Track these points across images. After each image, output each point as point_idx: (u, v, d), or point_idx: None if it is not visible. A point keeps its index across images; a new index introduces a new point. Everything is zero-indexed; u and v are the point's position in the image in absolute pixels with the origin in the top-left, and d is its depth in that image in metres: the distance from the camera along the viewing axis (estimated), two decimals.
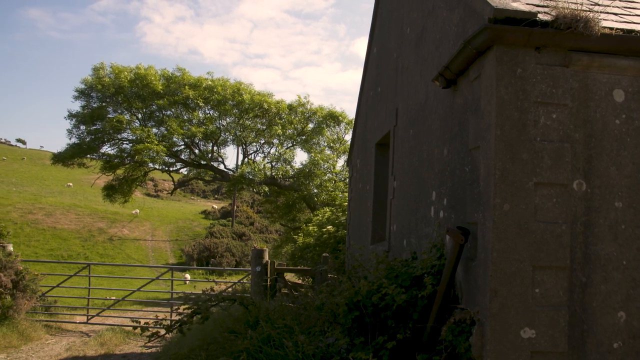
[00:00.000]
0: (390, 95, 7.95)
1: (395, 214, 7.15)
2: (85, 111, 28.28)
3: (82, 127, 28.37)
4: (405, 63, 7.04)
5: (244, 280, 16.32)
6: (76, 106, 33.78)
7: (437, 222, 5.28)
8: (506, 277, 3.96)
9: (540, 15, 4.07)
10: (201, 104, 28.70)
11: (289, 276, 13.41)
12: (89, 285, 15.75)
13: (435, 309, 4.54)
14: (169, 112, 29.03)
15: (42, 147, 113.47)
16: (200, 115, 29.61)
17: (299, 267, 16.39)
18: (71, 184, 62.51)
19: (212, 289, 8.02)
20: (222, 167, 31.26)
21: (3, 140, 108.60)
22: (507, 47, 4.09)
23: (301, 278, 15.71)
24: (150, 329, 6.89)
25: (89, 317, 15.01)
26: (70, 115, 28.44)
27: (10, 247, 13.20)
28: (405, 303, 4.69)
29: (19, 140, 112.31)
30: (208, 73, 30.08)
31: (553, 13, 4.11)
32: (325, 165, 28.39)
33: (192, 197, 72.44)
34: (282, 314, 6.46)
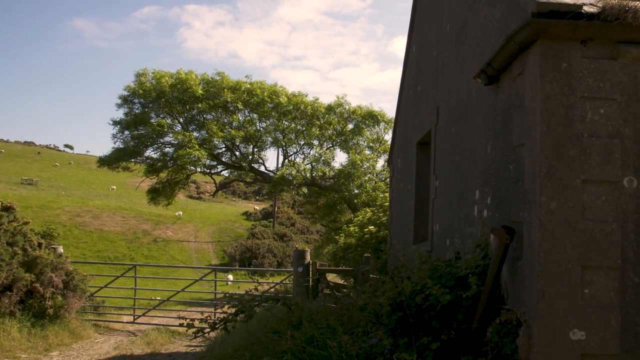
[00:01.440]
0: (430, 94, 7.87)
1: (438, 213, 7.07)
2: (129, 117, 28.96)
3: (126, 132, 29.07)
4: (446, 60, 6.95)
5: (286, 281, 16.41)
6: (119, 114, 34.74)
7: (481, 221, 5.20)
8: (554, 277, 3.87)
9: (585, 8, 3.95)
10: (240, 106, 28.98)
11: (331, 277, 13.42)
12: (135, 286, 16.13)
13: (480, 309, 4.46)
14: (209, 116, 29.43)
15: (88, 151, 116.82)
16: (240, 118, 29.92)
17: (340, 268, 16.40)
18: (114, 187, 64.14)
19: (255, 289, 8.10)
20: (262, 168, 31.56)
21: (52, 146, 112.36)
22: (551, 41, 3.99)
23: (343, 279, 15.70)
24: (195, 326, 7.03)
25: (136, 317, 15.35)
26: (114, 123, 29.19)
27: (61, 249, 13.63)
28: (450, 304, 4.63)
29: (66, 146, 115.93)
30: (246, 76, 30.26)
31: (599, 4, 3.98)
32: (366, 165, 28.28)
33: (234, 199, 73.34)
34: (325, 315, 6.47)
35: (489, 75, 4.88)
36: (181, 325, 7.38)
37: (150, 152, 29.80)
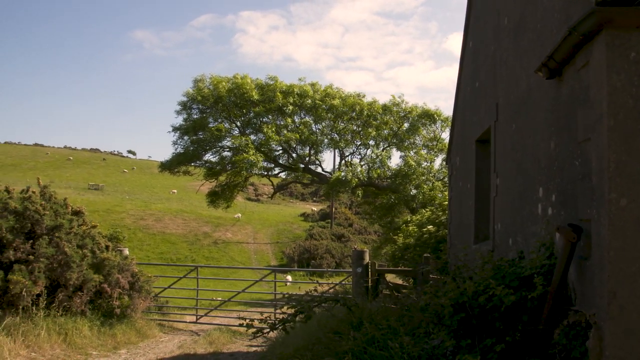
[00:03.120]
0: (489, 90, 7.70)
1: (499, 212, 6.90)
2: (188, 123, 29.69)
3: (186, 138, 29.81)
4: (504, 55, 6.78)
5: (345, 282, 16.40)
6: (179, 120, 35.91)
7: (546, 219, 5.03)
8: (626, 277, 3.70)
9: None
10: (292, 109, 29.14)
11: (390, 277, 13.32)
12: (197, 287, 16.50)
13: (546, 310, 4.32)
14: (265, 119, 29.79)
15: (150, 157, 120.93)
16: (296, 120, 30.14)
17: (400, 268, 16.25)
18: (175, 191, 65.98)
19: (315, 290, 8.14)
20: (319, 170, 31.68)
21: (116, 152, 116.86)
22: (617, 30, 3.82)
23: (402, 279, 15.55)
24: (254, 326, 7.13)
25: (198, 317, 15.71)
26: (174, 129, 30.01)
27: (126, 251, 14.11)
28: (514, 304, 4.50)
29: (129, 152, 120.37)
30: (300, 79, 30.51)
31: None
32: (424, 165, 27.94)
33: (291, 200, 74.04)
34: (385, 315, 6.42)
35: (551, 69, 4.72)
36: (241, 325, 7.50)
37: (209, 156, 30.51)
